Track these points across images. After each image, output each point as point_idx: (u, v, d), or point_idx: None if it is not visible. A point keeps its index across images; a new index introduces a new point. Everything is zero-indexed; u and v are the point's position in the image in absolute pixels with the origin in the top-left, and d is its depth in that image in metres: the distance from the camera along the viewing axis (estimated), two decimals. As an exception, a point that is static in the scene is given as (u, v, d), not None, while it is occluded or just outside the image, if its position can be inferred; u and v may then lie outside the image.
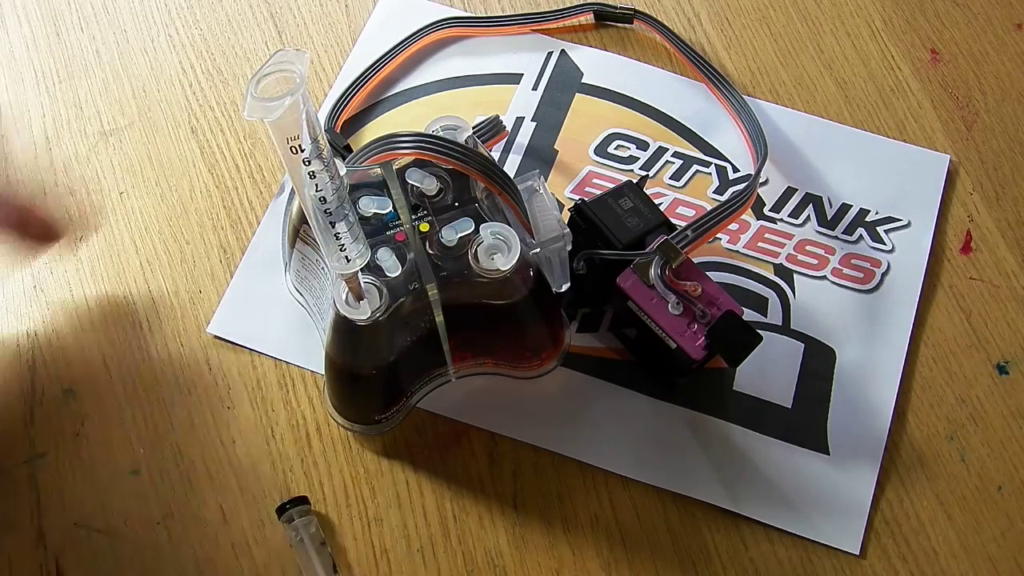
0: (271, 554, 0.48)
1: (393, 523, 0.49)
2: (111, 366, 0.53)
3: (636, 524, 0.49)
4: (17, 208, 0.54)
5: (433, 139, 0.45)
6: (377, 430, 0.51)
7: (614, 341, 0.53)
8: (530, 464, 0.50)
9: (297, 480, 0.50)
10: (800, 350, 0.53)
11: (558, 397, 0.52)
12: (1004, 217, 0.57)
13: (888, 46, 0.62)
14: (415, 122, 0.58)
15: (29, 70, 0.61)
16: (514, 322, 0.48)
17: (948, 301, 0.54)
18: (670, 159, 0.58)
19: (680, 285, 0.47)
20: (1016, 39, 0.62)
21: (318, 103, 0.59)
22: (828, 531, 0.49)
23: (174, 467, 0.50)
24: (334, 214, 0.38)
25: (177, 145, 0.59)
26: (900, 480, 0.50)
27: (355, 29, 0.62)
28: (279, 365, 0.53)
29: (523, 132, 0.59)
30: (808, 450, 0.51)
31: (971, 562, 0.48)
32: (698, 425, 0.51)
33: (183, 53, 0.61)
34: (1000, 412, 0.52)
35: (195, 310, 0.54)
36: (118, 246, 0.56)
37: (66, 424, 0.51)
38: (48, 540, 0.49)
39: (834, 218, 0.56)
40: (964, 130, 0.59)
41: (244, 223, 0.56)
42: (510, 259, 0.43)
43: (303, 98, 0.32)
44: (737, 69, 0.61)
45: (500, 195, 0.45)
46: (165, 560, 0.48)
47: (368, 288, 0.42)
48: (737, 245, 0.55)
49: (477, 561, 0.48)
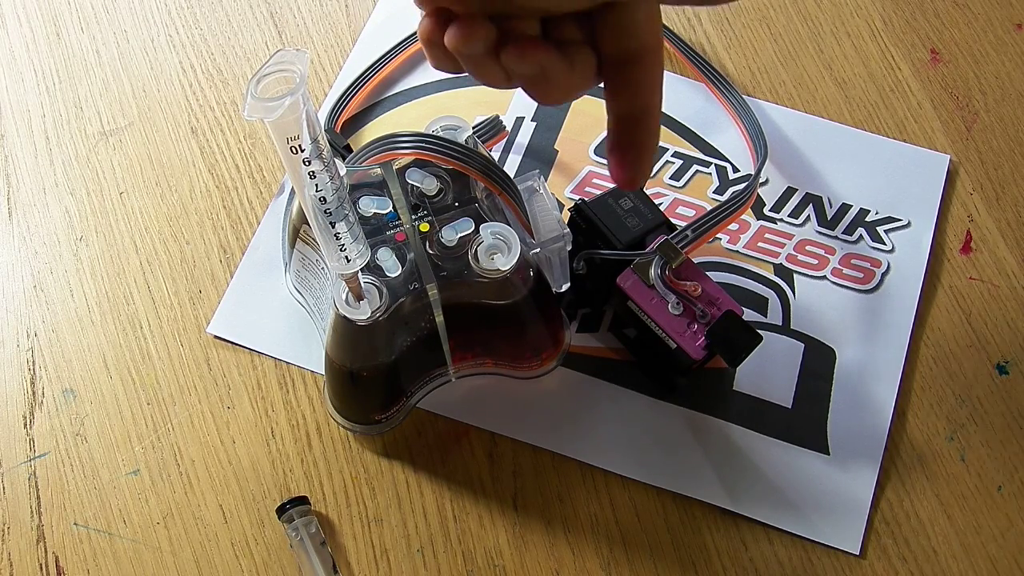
0: (271, 554, 0.48)
1: (393, 523, 0.49)
2: (111, 366, 0.53)
3: (636, 524, 0.49)
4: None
5: (433, 139, 0.45)
6: (377, 430, 0.51)
7: (614, 341, 0.53)
8: (530, 464, 0.50)
9: (297, 480, 0.50)
10: (800, 350, 0.53)
11: (558, 397, 0.52)
12: (1004, 217, 0.57)
13: (888, 46, 0.62)
14: (415, 122, 0.58)
15: (29, 70, 0.61)
16: (514, 322, 0.48)
17: (948, 301, 0.54)
18: (670, 159, 0.58)
19: (680, 285, 0.47)
20: (1016, 39, 0.62)
21: (318, 103, 0.59)
22: (828, 531, 0.49)
23: (174, 467, 0.50)
24: (334, 214, 0.38)
25: (177, 145, 0.59)
26: (900, 480, 0.50)
27: (355, 29, 0.62)
28: (279, 365, 0.53)
29: (523, 132, 0.59)
30: (808, 450, 0.51)
31: (971, 562, 0.48)
32: (698, 425, 0.51)
33: (183, 53, 0.61)
34: (1000, 412, 0.52)
35: (195, 310, 0.54)
36: (118, 246, 0.56)
37: (66, 424, 0.51)
38: (48, 540, 0.49)
39: (834, 218, 0.56)
40: (964, 130, 0.59)
41: (244, 223, 0.56)
42: (510, 259, 0.43)
43: (303, 98, 0.32)
44: (737, 69, 0.61)
45: (500, 195, 0.45)
46: (165, 560, 0.48)
47: (368, 288, 0.42)
48: (737, 245, 0.55)
49: (477, 561, 0.48)
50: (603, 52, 0.32)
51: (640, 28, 0.31)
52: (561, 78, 0.31)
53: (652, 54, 0.32)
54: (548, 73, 0.31)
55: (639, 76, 0.32)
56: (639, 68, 0.32)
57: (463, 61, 0.31)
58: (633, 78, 0.32)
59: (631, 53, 0.32)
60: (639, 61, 0.32)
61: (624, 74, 0.32)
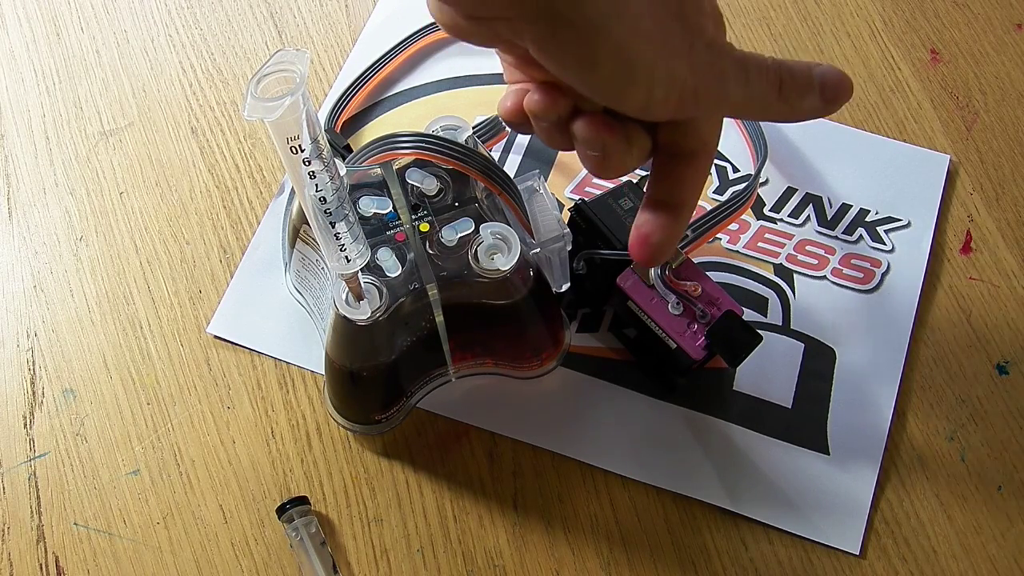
0: (271, 554, 0.48)
1: (393, 523, 0.49)
2: (111, 366, 0.53)
3: (636, 524, 0.49)
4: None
5: (433, 139, 0.45)
6: (377, 430, 0.51)
7: (614, 341, 0.53)
8: (530, 464, 0.50)
9: (297, 480, 0.50)
10: (800, 350, 0.53)
11: (558, 397, 0.52)
12: (1004, 217, 0.57)
13: (888, 46, 0.62)
14: (415, 122, 0.58)
15: (29, 70, 0.61)
16: (514, 322, 0.48)
17: (948, 301, 0.54)
18: (670, 159, 0.58)
19: (680, 285, 0.47)
20: (1016, 39, 0.62)
21: (318, 103, 0.59)
22: (828, 531, 0.49)
23: (174, 467, 0.50)
24: (334, 214, 0.38)
25: (177, 145, 0.59)
26: (900, 480, 0.50)
27: (355, 29, 0.62)
28: (279, 365, 0.53)
29: (523, 132, 0.59)
30: (808, 450, 0.51)
31: (971, 562, 0.48)
32: (698, 425, 0.51)
33: (183, 53, 0.61)
34: (1000, 412, 0.52)
35: (195, 310, 0.54)
36: (118, 246, 0.56)
37: (66, 424, 0.51)
38: (48, 540, 0.49)
39: (834, 218, 0.56)
40: (964, 130, 0.59)
41: (244, 223, 0.56)
42: (510, 259, 0.43)
43: (303, 98, 0.32)
44: (737, 69, 0.61)
45: (500, 195, 0.45)
46: (165, 560, 0.48)
47: (368, 288, 0.42)
48: (737, 245, 0.55)
49: (477, 561, 0.48)
50: (659, 142, 0.34)
51: (701, 132, 0.33)
52: (618, 157, 0.33)
53: (704, 157, 0.34)
54: (608, 151, 0.33)
55: (685, 173, 0.34)
56: (688, 166, 0.34)
57: (535, 124, 0.34)
58: (679, 173, 0.34)
59: (686, 151, 0.33)
60: (690, 160, 0.34)
61: (673, 166, 0.34)
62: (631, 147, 0.33)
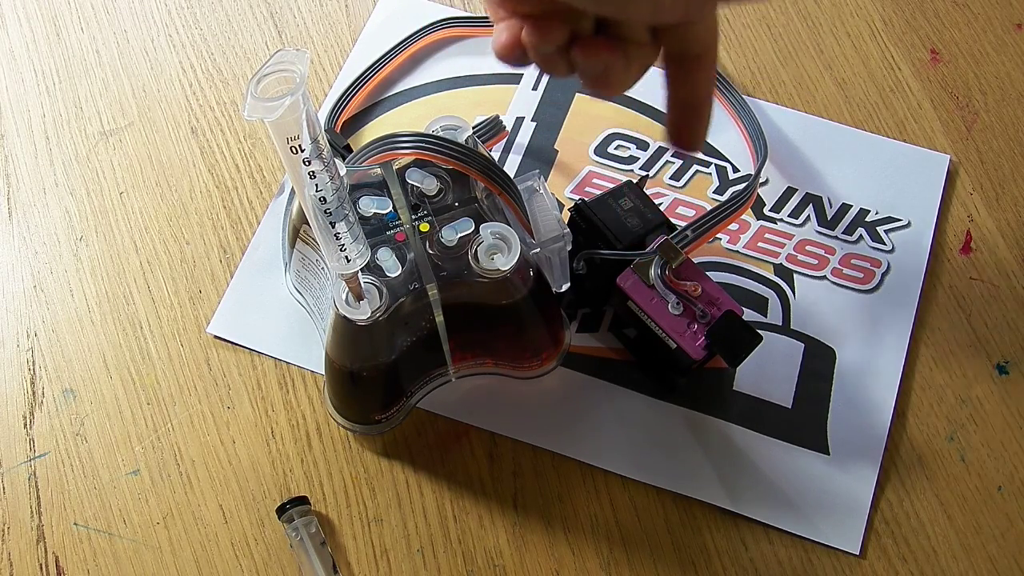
0: (271, 554, 0.48)
1: (393, 523, 0.49)
2: (111, 366, 0.53)
3: (636, 524, 0.49)
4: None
5: (433, 139, 0.45)
6: (377, 430, 0.51)
7: (614, 341, 0.53)
8: (530, 464, 0.50)
9: (297, 480, 0.50)
10: (800, 350, 0.53)
11: (558, 397, 0.52)
12: (1004, 217, 0.57)
13: (888, 46, 0.62)
14: (415, 122, 0.58)
15: (29, 70, 0.61)
16: (514, 322, 0.48)
17: (948, 301, 0.54)
18: (670, 159, 0.58)
19: (680, 285, 0.47)
20: (1016, 39, 0.62)
21: (318, 103, 0.59)
22: (828, 531, 0.49)
23: (174, 467, 0.50)
24: (334, 214, 0.38)
25: (177, 145, 0.59)
26: (900, 480, 0.50)
27: (355, 29, 0.62)
28: (279, 365, 0.53)
29: (523, 132, 0.59)
30: (808, 450, 0.51)
31: (971, 562, 0.48)
32: (698, 425, 0.51)
33: (183, 53, 0.61)
34: (1000, 412, 0.52)
35: (195, 310, 0.54)
36: (118, 246, 0.56)
37: (66, 424, 0.51)
38: (48, 540, 0.49)
39: (834, 218, 0.56)
40: (964, 130, 0.59)
41: (244, 223, 0.56)
42: (510, 259, 0.43)
43: (303, 98, 0.32)
44: (737, 69, 0.61)
45: (500, 195, 0.45)
46: (165, 560, 0.48)
47: (368, 288, 0.42)
48: (737, 245, 0.55)
49: (477, 561, 0.48)
50: (666, 50, 0.35)
51: (700, 36, 0.35)
52: (619, 74, 0.34)
53: (709, 53, 0.36)
54: (609, 70, 0.34)
55: (698, 75, 0.36)
56: (699, 69, 0.35)
57: (534, 55, 0.34)
58: (692, 74, 0.36)
59: (691, 56, 0.35)
60: (699, 59, 0.35)
61: (684, 70, 0.35)
62: (630, 63, 0.34)
